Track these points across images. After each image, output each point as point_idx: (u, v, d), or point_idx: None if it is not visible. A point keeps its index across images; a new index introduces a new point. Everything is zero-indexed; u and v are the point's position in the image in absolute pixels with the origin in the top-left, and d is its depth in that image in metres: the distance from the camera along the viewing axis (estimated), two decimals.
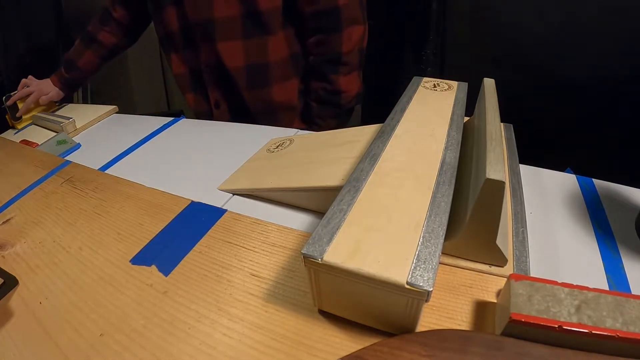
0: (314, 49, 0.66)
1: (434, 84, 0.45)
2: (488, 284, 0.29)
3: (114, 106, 0.75)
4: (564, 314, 0.21)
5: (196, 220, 0.38)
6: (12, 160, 0.57)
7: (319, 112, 0.71)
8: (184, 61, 0.73)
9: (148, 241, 0.36)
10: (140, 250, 0.35)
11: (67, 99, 0.84)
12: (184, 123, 0.63)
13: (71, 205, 0.43)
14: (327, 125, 0.72)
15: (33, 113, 0.78)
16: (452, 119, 0.37)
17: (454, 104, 0.40)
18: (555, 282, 0.23)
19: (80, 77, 0.81)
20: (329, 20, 0.62)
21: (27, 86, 0.77)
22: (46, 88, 0.78)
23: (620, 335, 0.20)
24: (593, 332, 0.20)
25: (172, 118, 0.66)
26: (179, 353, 0.26)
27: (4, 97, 0.74)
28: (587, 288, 0.22)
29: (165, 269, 0.32)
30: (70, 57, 0.79)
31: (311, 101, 0.71)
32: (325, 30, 0.63)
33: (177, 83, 0.79)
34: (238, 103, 0.73)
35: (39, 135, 0.68)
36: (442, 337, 0.22)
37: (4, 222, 0.41)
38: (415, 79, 0.47)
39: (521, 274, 0.24)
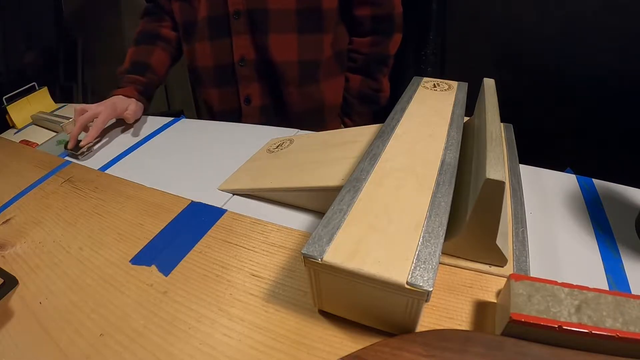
0: (366, 49, 0.70)
1: (434, 84, 0.45)
2: (488, 284, 0.29)
3: None
4: (564, 314, 0.21)
5: (196, 220, 0.38)
6: (12, 160, 0.57)
7: (360, 109, 0.75)
8: (211, 53, 0.67)
9: (148, 241, 0.36)
10: (140, 250, 0.35)
11: (67, 99, 0.84)
12: (184, 123, 0.63)
13: (71, 205, 0.43)
14: (362, 121, 0.75)
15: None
16: (452, 119, 0.37)
17: (454, 104, 0.40)
18: (555, 282, 0.23)
19: (156, 81, 0.70)
20: (387, 25, 0.68)
21: (83, 113, 0.60)
22: (120, 104, 0.62)
23: (620, 335, 0.20)
24: (593, 332, 0.20)
25: (172, 118, 0.66)
26: (179, 353, 0.26)
27: (4, 98, 0.74)
28: (587, 288, 0.22)
29: (165, 269, 0.32)
30: (138, 58, 0.68)
31: (353, 98, 0.74)
32: (382, 33, 0.69)
33: (196, 77, 0.71)
34: (276, 100, 0.70)
35: (39, 135, 0.68)
36: (442, 337, 0.22)
37: (4, 222, 0.41)
38: (415, 79, 0.47)
39: (521, 274, 0.24)
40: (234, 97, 0.70)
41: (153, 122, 0.64)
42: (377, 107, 0.75)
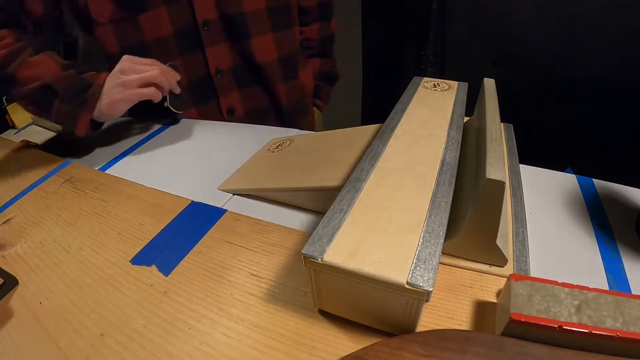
0: (317, 34, 0.77)
1: (434, 84, 0.45)
2: (488, 284, 0.29)
3: None
4: (564, 314, 0.21)
5: (196, 220, 0.38)
6: (12, 160, 0.57)
7: (326, 88, 0.82)
8: (183, 70, 0.61)
9: (148, 241, 0.36)
10: (140, 250, 0.35)
11: None
12: (184, 123, 0.63)
13: (71, 205, 0.43)
14: (328, 99, 0.84)
15: None
16: (452, 119, 0.37)
17: (454, 104, 0.40)
18: (555, 282, 0.23)
19: None
20: (329, 9, 0.77)
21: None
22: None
23: (620, 335, 0.20)
24: (593, 332, 0.20)
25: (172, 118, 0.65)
26: (179, 353, 0.26)
27: (4, 98, 0.74)
28: (587, 288, 0.22)
29: (165, 269, 0.32)
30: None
31: (317, 80, 0.80)
32: (327, 17, 0.78)
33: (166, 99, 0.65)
34: (262, 102, 0.70)
35: (39, 135, 0.68)
36: (442, 337, 0.22)
37: (4, 222, 0.41)
38: (415, 79, 0.47)
39: (521, 274, 0.24)
40: (215, 112, 0.67)
41: (153, 122, 0.64)
42: (336, 81, 0.84)
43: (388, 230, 0.24)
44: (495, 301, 0.27)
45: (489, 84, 0.39)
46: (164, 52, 0.59)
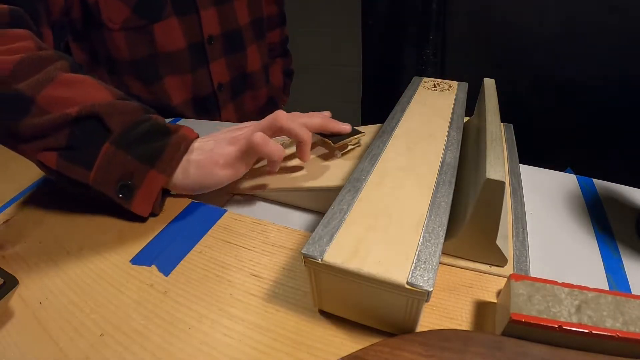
0: (279, 38, 0.83)
1: (434, 84, 0.45)
2: (488, 284, 0.29)
3: None
4: (564, 314, 0.21)
5: (196, 220, 0.38)
6: (12, 161, 0.57)
7: (289, 84, 0.89)
8: (192, 86, 0.61)
9: (148, 241, 0.36)
10: (140, 250, 0.35)
11: None
12: (184, 123, 0.63)
13: (71, 205, 0.43)
14: (288, 95, 0.90)
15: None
16: (452, 119, 0.37)
17: (454, 104, 0.40)
18: (555, 282, 0.23)
19: None
20: (284, 17, 0.83)
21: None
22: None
23: (620, 335, 0.20)
24: (593, 332, 0.20)
25: (171, 118, 0.65)
26: (179, 353, 0.26)
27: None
28: (587, 288, 0.22)
29: (165, 269, 0.32)
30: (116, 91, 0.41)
31: (287, 78, 0.87)
32: (284, 24, 0.84)
33: (181, 113, 0.62)
34: (248, 108, 0.75)
35: None
36: (442, 337, 0.22)
37: (4, 222, 0.41)
38: (415, 79, 0.47)
39: (521, 274, 0.24)
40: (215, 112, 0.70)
41: None
42: (292, 75, 0.90)
43: (388, 230, 0.24)
44: (495, 301, 0.27)
45: (489, 84, 0.39)
46: (174, 67, 0.59)
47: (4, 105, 0.31)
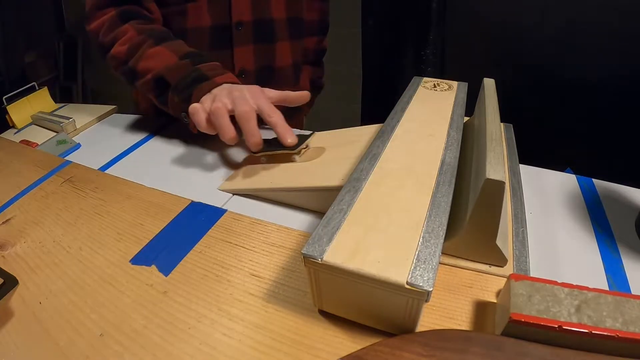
0: (315, 46, 0.82)
1: (434, 84, 0.45)
2: (488, 284, 0.29)
3: (114, 106, 0.75)
4: (564, 314, 0.21)
5: (196, 220, 0.38)
6: (12, 160, 0.57)
7: (313, 96, 0.85)
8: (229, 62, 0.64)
9: (148, 241, 0.36)
10: (140, 250, 0.35)
11: (67, 99, 0.83)
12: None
13: (71, 205, 0.43)
14: (310, 107, 0.88)
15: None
16: (452, 119, 0.37)
17: (454, 104, 0.40)
18: (555, 282, 0.23)
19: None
20: (325, 28, 0.83)
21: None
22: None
23: (620, 335, 0.20)
24: (593, 332, 0.20)
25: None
26: (179, 353, 0.26)
27: (4, 98, 0.73)
28: (587, 288, 0.22)
29: (165, 269, 0.32)
30: (188, 49, 0.55)
31: (311, 89, 0.82)
32: (324, 34, 0.83)
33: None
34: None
35: (39, 135, 0.68)
36: (442, 337, 0.22)
37: (4, 222, 0.41)
38: (415, 79, 0.47)
39: (521, 274, 0.24)
40: None
41: (153, 122, 0.64)
42: (321, 90, 0.89)
43: (388, 230, 0.24)
44: (495, 301, 0.27)
45: (489, 84, 0.39)
46: (197, 43, 0.61)
47: (126, 75, 0.54)
